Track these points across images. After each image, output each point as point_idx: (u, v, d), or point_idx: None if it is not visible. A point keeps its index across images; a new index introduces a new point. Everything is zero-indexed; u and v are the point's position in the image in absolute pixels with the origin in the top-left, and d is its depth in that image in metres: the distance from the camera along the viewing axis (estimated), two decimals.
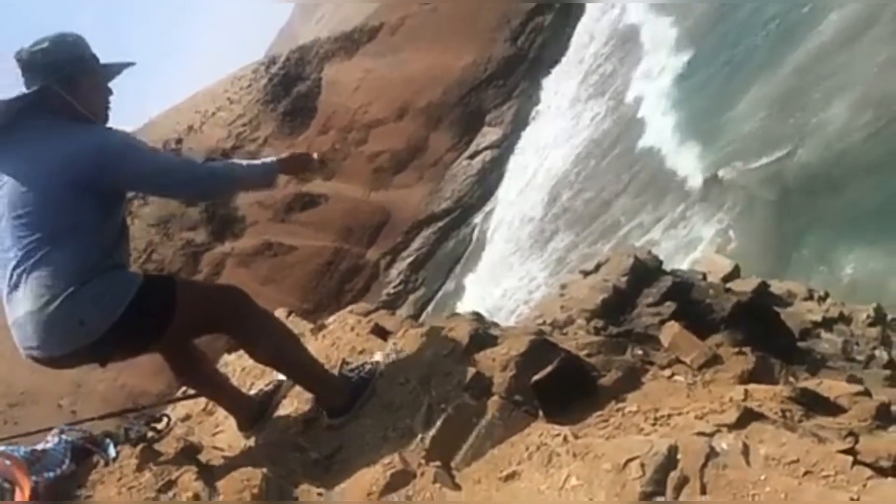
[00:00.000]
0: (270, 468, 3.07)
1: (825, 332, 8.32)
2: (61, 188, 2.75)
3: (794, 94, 18.11)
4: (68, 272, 2.74)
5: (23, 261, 2.76)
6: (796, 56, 19.27)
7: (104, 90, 3.03)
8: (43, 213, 2.75)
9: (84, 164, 2.76)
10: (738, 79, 20.81)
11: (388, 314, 4.60)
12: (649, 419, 2.89)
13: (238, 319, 3.13)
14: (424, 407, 3.12)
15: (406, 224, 29.57)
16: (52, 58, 2.85)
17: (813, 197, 15.23)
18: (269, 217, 29.98)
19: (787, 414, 2.88)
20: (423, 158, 30.83)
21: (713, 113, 20.49)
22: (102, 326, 2.78)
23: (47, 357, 2.84)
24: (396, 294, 28.05)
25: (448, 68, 31.61)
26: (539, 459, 2.68)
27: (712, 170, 18.43)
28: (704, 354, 3.51)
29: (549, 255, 22.93)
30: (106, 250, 2.86)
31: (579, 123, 27.35)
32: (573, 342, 3.89)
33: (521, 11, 32.55)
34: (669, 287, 7.53)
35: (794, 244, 14.73)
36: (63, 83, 2.84)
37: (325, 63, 33.41)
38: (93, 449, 3.59)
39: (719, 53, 22.80)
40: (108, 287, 2.81)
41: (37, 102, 2.82)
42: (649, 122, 22.95)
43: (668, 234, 18.08)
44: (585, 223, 22.35)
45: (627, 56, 27.88)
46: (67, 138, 2.80)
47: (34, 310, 2.74)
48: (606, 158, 23.92)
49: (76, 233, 2.77)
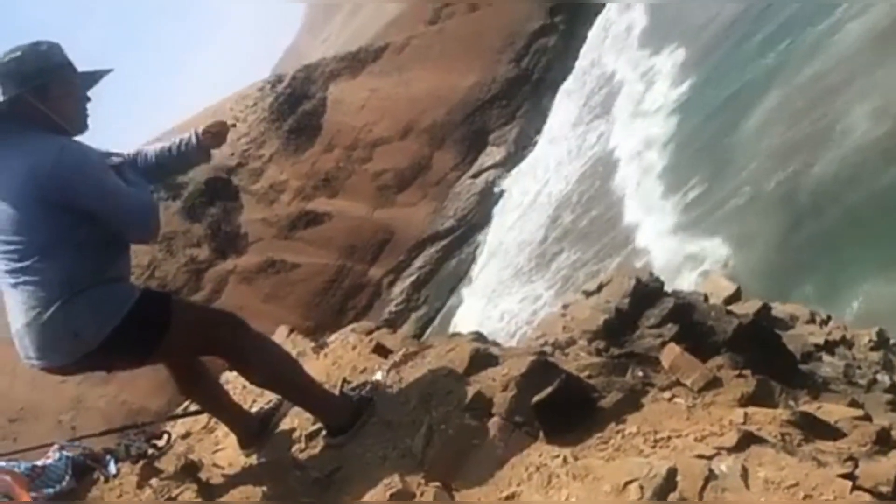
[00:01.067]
0: (270, 487, 3.08)
1: (827, 355, 8.29)
2: (32, 201, 2.71)
3: (806, 110, 17.81)
4: (57, 283, 2.74)
5: (13, 274, 2.77)
6: (807, 73, 19.12)
7: (80, 98, 2.96)
8: (22, 227, 2.73)
9: (41, 178, 2.70)
10: (746, 97, 20.71)
11: (389, 333, 4.61)
12: (649, 441, 2.89)
13: (233, 344, 3.14)
14: (425, 427, 3.12)
15: (409, 242, 29.61)
16: (24, 66, 2.78)
17: (823, 218, 15.03)
18: (272, 234, 30.04)
19: (787, 437, 2.88)
20: (426, 177, 30.93)
21: (720, 132, 20.36)
22: (97, 338, 2.79)
23: (47, 367, 2.87)
24: (398, 312, 28.03)
25: (453, 88, 31.78)
26: (539, 480, 2.68)
27: (719, 188, 18.32)
28: (705, 377, 3.51)
29: (554, 274, 22.88)
30: (99, 262, 2.85)
31: (584, 143, 27.41)
32: (574, 363, 3.89)
33: (525, 33, 32.79)
34: (671, 309, 7.50)
35: (802, 266, 14.53)
36: (36, 92, 2.78)
37: (330, 82, 33.60)
38: (93, 465, 3.61)
39: (729, 72, 22.72)
40: (103, 299, 2.81)
41: (10, 112, 2.77)
42: (655, 140, 22.95)
43: (673, 253, 18.00)
44: (592, 240, 22.28)
45: (631, 77, 27.99)
46: (31, 150, 2.73)
47: (28, 321, 2.76)
48: (611, 178, 23.90)
49: (58, 246, 2.75)
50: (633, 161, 23.15)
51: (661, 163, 21.75)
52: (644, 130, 23.91)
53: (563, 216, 25.06)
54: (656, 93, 25.45)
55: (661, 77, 25.96)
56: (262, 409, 3.82)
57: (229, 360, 3.22)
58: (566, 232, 24.22)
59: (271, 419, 3.73)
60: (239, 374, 3.37)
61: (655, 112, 24.33)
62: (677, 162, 21.17)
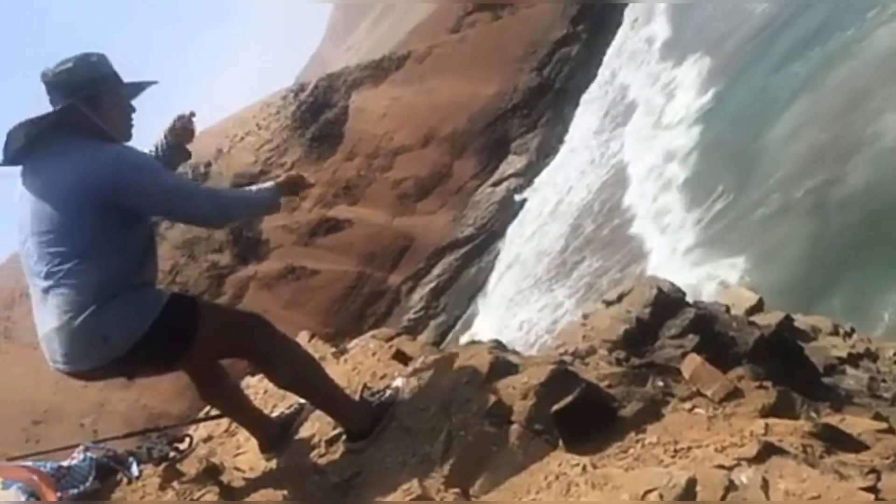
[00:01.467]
0: (290, 491, 3.10)
1: (850, 367, 8.20)
2: (79, 206, 2.80)
3: (834, 118, 17.46)
4: (93, 288, 2.79)
5: (49, 277, 2.81)
6: (835, 80, 18.71)
7: (127, 108, 3.08)
8: (65, 230, 2.80)
9: (96, 183, 2.79)
10: (773, 106, 20.36)
11: (409, 340, 4.62)
12: (669, 451, 2.89)
13: (258, 346, 3.17)
14: (444, 434, 3.13)
15: (428, 250, 29.65)
16: (76, 77, 2.89)
17: (852, 229, 14.64)
18: (293, 241, 30.20)
19: (809, 449, 2.86)
20: (446, 185, 30.98)
21: (746, 141, 20.00)
22: (126, 344, 2.83)
23: (73, 371, 2.90)
24: (418, 319, 28.07)
25: (474, 97, 31.84)
26: (558, 488, 2.68)
27: (744, 198, 18.09)
28: (725, 387, 3.49)
29: (575, 282, 22.77)
30: (132, 267, 2.91)
31: (606, 153, 27.33)
32: (594, 372, 3.89)
33: (547, 42, 32.81)
34: (692, 319, 7.47)
35: (830, 278, 14.18)
36: (87, 101, 2.88)
37: (352, 90, 33.79)
38: (117, 467, 3.65)
39: (754, 81, 22.40)
40: (133, 304, 2.85)
41: (62, 120, 2.87)
42: (676, 151, 22.80)
43: (695, 265, 17.82)
44: (614, 250, 22.14)
45: (653, 87, 27.88)
46: (85, 157, 2.83)
47: (59, 325, 2.80)
48: (631, 189, 23.77)
49: (100, 249, 2.81)
50: (653, 172, 23.01)
51: (684, 174, 21.56)
52: (666, 141, 23.76)
53: (584, 225, 24.99)
54: (678, 104, 25.32)
55: (683, 88, 25.81)
56: (283, 414, 3.85)
57: (254, 360, 3.25)
58: (587, 241, 24.13)
59: (292, 424, 3.75)
60: (263, 374, 3.40)
61: (678, 123, 24.18)
62: (700, 172, 20.92)
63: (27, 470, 3.25)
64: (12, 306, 32.03)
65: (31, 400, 26.07)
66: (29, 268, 2.90)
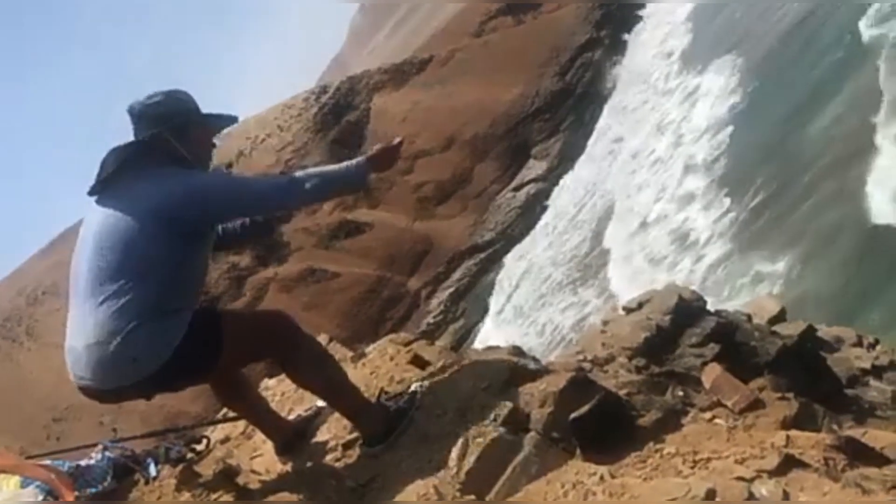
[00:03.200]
0: (307, 494, 3.10)
1: (874, 379, 8.08)
2: (148, 225, 2.88)
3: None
4: (135, 310, 2.82)
5: (97, 293, 2.86)
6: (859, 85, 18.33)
7: (209, 141, 3.23)
8: (127, 249, 2.87)
9: (169, 198, 2.90)
10: (800, 111, 20.02)
11: (427, 344, 4.61)
12: (688, 462, 2.86)
13: (283, 344, 3.18)
14: (461, 440, 3.12)
15: (448, 254, 29.67)
16: (164, 109, 3.06)
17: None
18: (312, 243, 30.33)
19: (830, 462, 2.82)
20: (467, 189, 31.00)
21: (777, 142, 19.73)
22: (154, 365, 2.86)
23: (96, 389, 2.92)
24: (436, 324, 28.08)
25: (496, 101, 31.84)
26: (574, 497, 2.66)
27: (775, 204, 17.80)
28: (746, 398, 3.46)
29: (601, 282, 22.56)
30: (176, 293, 2.95)
31: (627, 159, 27.18)
32: (613, 380, 3.86)
33: (570, 47, 32.76)
34: (713, 328, 7.39)
35: (867, 290, 13.83)
36: (174, 132, 3.03)
37: (374, 93, 33.92)
38: (134, 467, 3.66)
39: (786, 78, 22.20)
40: (164, 327, 2.88)
41: (147, 149, 3.01)
42: (702, 154, 22.64)
43: (730, 271, 17.60)
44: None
45: (677, 91, 27.71)
46: (162, 178, 2.95)
47: (94, 342, 2.83)
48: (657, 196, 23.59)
49: (151, 272, 2.86)
50: (686, 176, 22.81)
51: (713, 176, 21.37)
52: (691, 146, 23.63)
53: (605, 231, 24.89)
54: (699, 110, 25.15)
55: (707, 95, 25.62)
56: (300, 417, 3.85)
57: (278, 359, 3.25)
58: (609, 248, 24.02)
59: (308, 427, 3.76)
60: (284, 372, 3.39)
61: (703, 130, 23.99)
62: (731, 176, 20.67)
63: (45, 469, 3.27)
64: (35, 304, 32.41)
65: (52, 397, 26.36)
66: (76, 284, 2.95)
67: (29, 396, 27.99)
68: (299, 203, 3.19)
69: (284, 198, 3.09)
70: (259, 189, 3.08)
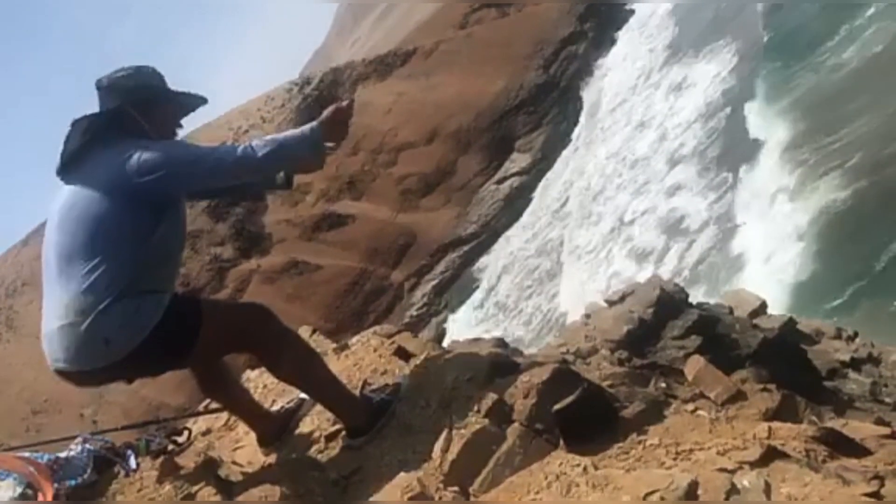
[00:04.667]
0: (289, 486, 3.08)
1: (853, 372, 8.18)
2: (120, 196, 2.82)
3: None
4: (105, 289, 2.77)
5: (64, 273, 2.81)
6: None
7: (173, 119, 3.17)
8: (93, 223, 2.82)
9: (130, 171, 2.82)
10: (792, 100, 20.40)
11: (410, 336, 4.61)
12: (671, 453, 2.86)
13: (261, 337, 3.14)
14: (444, 431, 3.11)
15: (431, 247, 29.66)
16: (131, 82, 3.03)
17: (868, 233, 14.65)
18: (296, 235, 30.22)
19: (812, 454, 2.84)
20: (450, 182, 30.97)
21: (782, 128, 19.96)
22: (127, 347, 2.80)
23: (73, 371, 2.86)
24: (419, 316, 28.09)
25: (480, 94, 31.80)
26: (558, 489, 2.66)
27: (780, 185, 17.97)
28: (728, 390, 3.48)
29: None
30: (148, 272, 2.89)
31: (613, 151, 27.24)
32: (596, 372, 3.87)
33: (554, 40, 32.76)
34: (695, 320, 7.47)
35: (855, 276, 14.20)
36: (138, 106, 3.00)
37: (358, 85, 33.80)
38: (114, 459, 3.63)
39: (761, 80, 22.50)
40: (137, 309, 2.82)
41: (109, 122, 2.96)
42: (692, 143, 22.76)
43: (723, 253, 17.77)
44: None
45: (662, 83, 27.79)
46: (121, 151, 2.88)
47: (65, 324, 2.78)
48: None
49: (122, 248, 2.81)
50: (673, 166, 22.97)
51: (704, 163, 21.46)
52: (679, 136, 23.79)
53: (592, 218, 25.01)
54: (686, 101, 25.29)
55: (695, 86, 25.74)
56: (283, 409, 3.83)
57: (257, 352, 3.22)
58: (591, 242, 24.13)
59: (291, 419, 3.74)
60: (264, 366, 3.36)
61: (693, 119, 24.11)
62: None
63: (24, 461, 3.23)
64: (14, 296, 32.10)
65: (31, 390, 26.15)
66: (47, 267, 2.90)
67: (8, 388, 27.74)
68: (254, 169, 2.99)
69: (239, 165, 2.94)
70: (216, 156, 2.93)
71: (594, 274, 22.52)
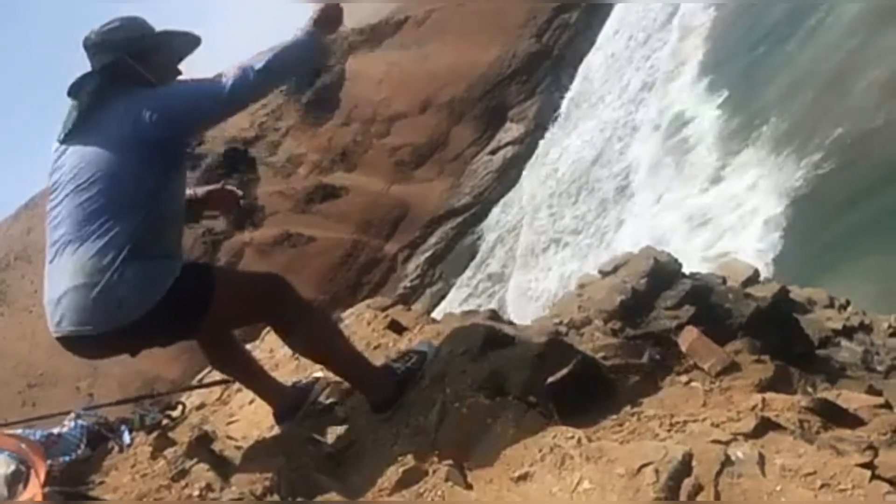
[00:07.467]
0: (284, 460, 3.08)
1: (845, 340, 8.23)
2: (126, 155, 2.78)
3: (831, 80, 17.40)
4: (120, 248, 2.71)
5: (77, 233, 2.75)
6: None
7: (175, 65, 3.09)
8: (106, 181, 2.76)
9: (142, 122, 2.78)
10: (775, 60, 20.50)
11: (404, 310, 4.59)
12: (665, 425, 2.87)
13: (277, 307, 3.07)
14: (438, 405, 3.11)
15: (425, 218, 29.58)
16: (124, 33, 2.95)
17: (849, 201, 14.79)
18: (289, 207, 30.09)
19: (805, 425, 2.85)
20: (444, 153, 30.81)
21: (748, 101, 20.12)
22: (139, 311, 2.72)
23: (77, 336, 2.77)
24: (413, 288, 28.10)
25: (472, 63, 31.54)
26: (552, 461, 2.66)
27: (748, 165, 18.18)
28: (722, 361, 3.47)
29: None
30: (159, 234, 2.86)
31: (608, 120, 27.15)
32: (590, 344, 3.87)
33: (547, 8, 32.41)
34: (688, 290, 7.48)
35: (829, 248, 14.32)
36: (136, 56, 2.93)
37: (349, 55, 33.44)
38: (108, 435, 3.63)
39: (751, 39, 22.50)
40: (151, 271, 2.77)
41: (111, 77, 2.90)
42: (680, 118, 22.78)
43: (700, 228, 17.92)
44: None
45: (654, 53, 27.64)
46: (131, 105, 2.83)
47: (79, 283, 2.70)
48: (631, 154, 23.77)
49: (136, 206, 2.76)
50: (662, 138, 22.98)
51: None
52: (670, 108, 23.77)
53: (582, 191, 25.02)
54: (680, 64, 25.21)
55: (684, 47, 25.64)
56: (299, 384, 3.76)
57: (274, 324, 3.16)
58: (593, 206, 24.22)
59: (308, 395, 3.63)
60: (282, 338, 3.26)
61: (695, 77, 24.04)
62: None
63: (16, 438, 3.22)
64: (7, 269, 31.98)
65: (26, 363, 26.11)
66: (54, 232, 2.82)
67: (3, 362, 27.72)
68: (263, 85, 2.95)
69: (245, 84, 2.87)
70: (222, 85, 2.86)
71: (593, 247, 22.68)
